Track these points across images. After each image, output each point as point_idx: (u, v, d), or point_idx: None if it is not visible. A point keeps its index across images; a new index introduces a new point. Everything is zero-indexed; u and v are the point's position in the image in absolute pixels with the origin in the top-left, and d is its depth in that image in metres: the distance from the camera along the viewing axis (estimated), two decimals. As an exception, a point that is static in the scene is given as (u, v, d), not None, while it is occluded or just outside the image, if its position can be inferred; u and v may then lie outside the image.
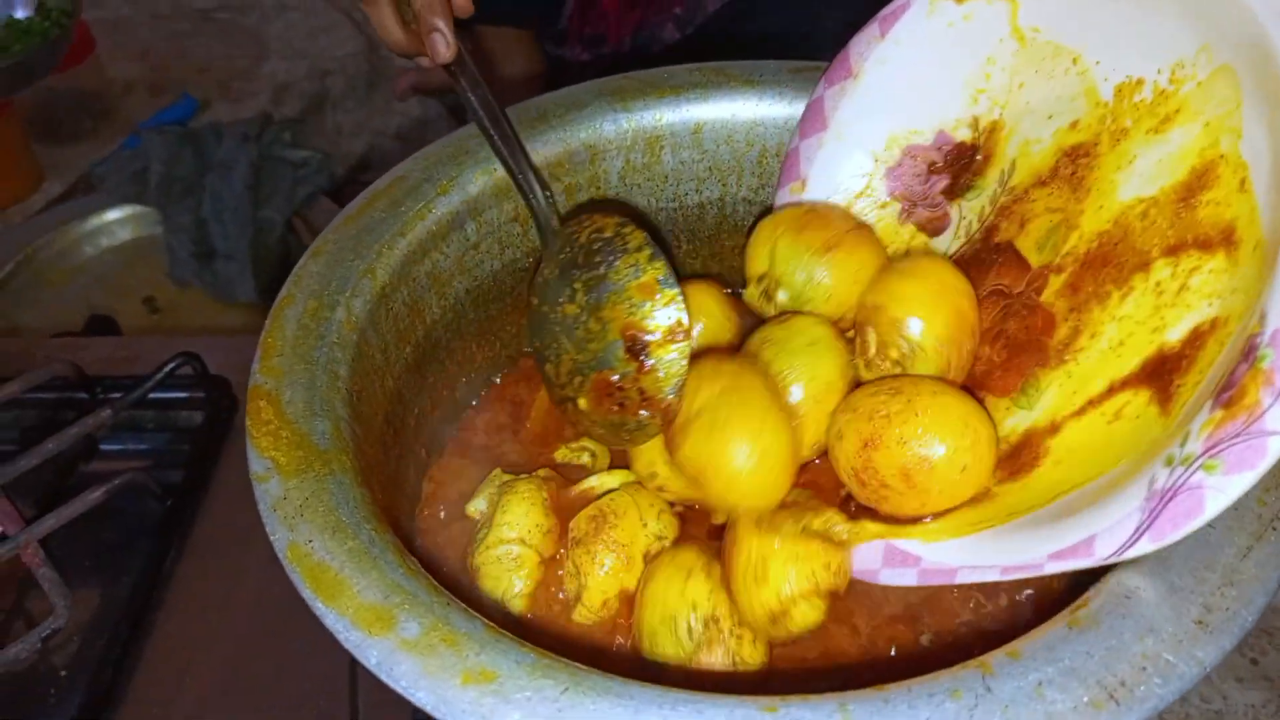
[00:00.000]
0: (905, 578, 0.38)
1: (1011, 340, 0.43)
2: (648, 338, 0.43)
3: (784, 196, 0.50)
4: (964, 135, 0.47)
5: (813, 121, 0.49)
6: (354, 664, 0.49)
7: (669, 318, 0.43)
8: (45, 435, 0.56)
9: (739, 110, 0.52)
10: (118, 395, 0.60)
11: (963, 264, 0.46)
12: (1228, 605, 0.27)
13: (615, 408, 0.44)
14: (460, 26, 0.46)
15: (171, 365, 0.60)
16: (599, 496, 0.44)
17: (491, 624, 0.29)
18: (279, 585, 0.39)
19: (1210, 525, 0.29)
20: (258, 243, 0.92)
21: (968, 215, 0.48)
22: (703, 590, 0.38)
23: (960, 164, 0.48)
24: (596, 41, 1.03)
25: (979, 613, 0.41)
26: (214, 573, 0.56)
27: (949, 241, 0.49)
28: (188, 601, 0.54)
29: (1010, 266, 0.45)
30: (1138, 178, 0.40)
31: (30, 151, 1.04)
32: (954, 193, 0.48)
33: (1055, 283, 0.42)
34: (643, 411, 0.43)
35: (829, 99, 0.48)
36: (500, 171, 0.49)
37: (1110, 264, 0.40)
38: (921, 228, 0.49)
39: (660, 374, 0.43)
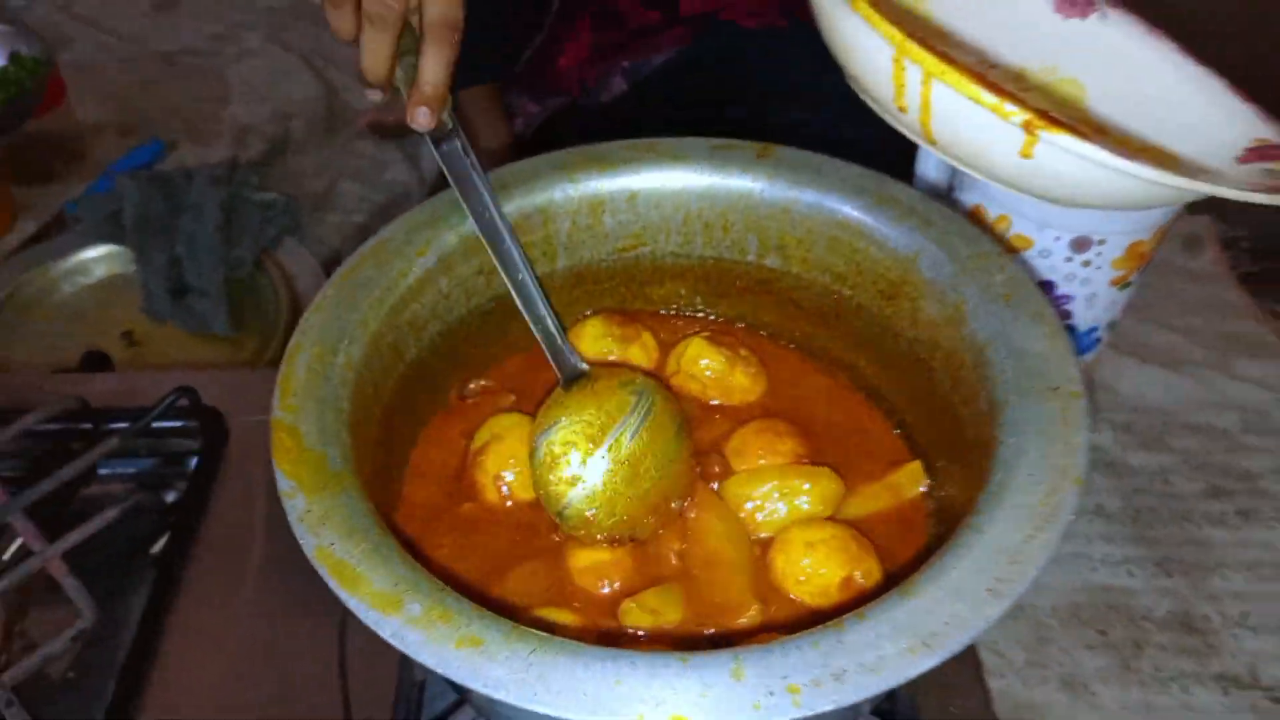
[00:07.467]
0: None
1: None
2: None
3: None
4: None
5: None
6: (344, 667, 0.58)
7: None
8: (52, 463, 0.63)
9: (667, 180, 0.62)
10: (122, 425, 0.67)
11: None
12: (1012, 578, 0.37)
13: None
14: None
15: (171, 398, 0.68)
16: None
17: (477, 605, 0.38)
18: (271, 596, 0.47)
19: (1003, 521, 0.39)
20: (230, 279, 0.99)
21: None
22: None
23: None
24: (550, 94, 1.12)
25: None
26: (216, 582, 0.64)
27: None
28: (192, 609, 0.62)
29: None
30: None
31: (8, 192, 1.10)
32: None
33: None
34: None
35: None
36: (467, 231, 0.58)
37: None
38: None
39: None
